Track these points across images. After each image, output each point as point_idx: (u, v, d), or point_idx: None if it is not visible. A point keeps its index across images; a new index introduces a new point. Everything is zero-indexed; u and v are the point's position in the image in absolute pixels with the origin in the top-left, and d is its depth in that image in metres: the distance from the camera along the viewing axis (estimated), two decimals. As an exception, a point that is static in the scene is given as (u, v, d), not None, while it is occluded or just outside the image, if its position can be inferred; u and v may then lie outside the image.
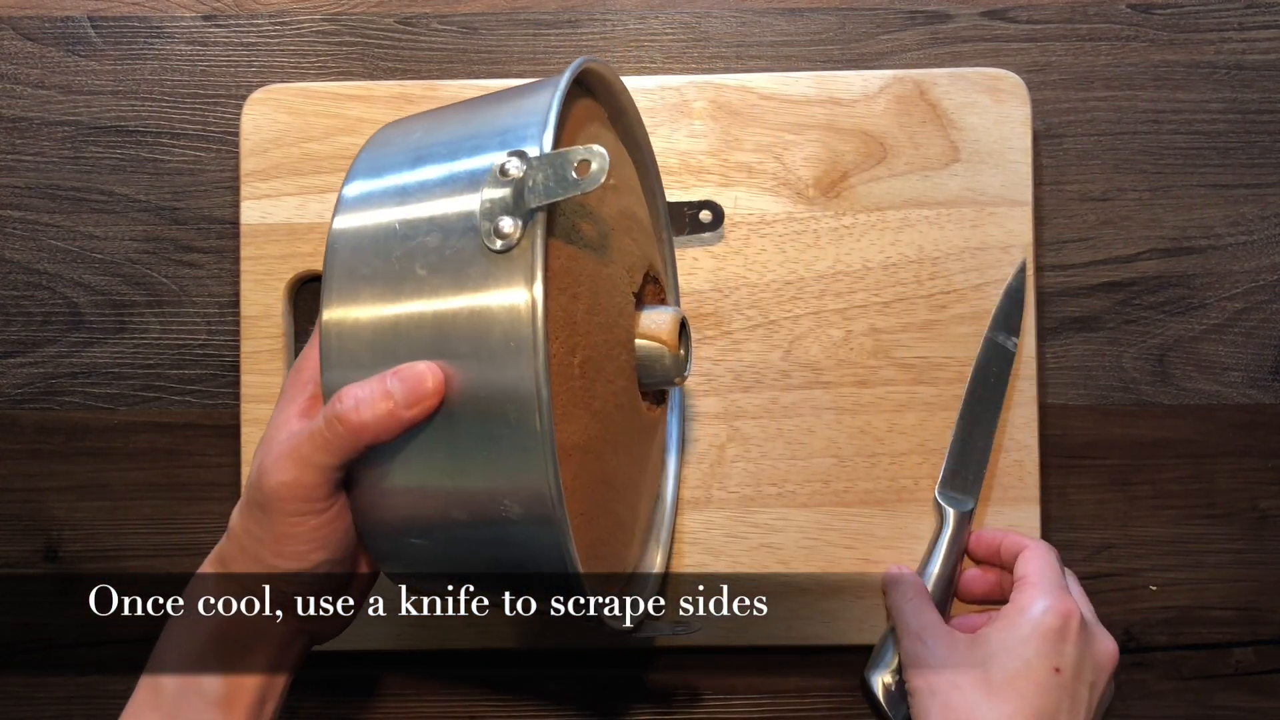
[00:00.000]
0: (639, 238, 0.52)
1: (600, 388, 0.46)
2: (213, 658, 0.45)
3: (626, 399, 0.49)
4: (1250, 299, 0.64)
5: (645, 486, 0.54)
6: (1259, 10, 0.65)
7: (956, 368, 0.62)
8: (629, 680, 0.63)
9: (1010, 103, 0.63)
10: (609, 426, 0.47)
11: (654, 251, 0.55)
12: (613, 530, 0.49)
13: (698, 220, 0.57)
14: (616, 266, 0.48)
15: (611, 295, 0.47)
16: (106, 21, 0.65)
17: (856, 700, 0.62)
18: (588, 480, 0.45)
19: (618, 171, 0.51)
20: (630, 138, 0.55)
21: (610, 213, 0.48)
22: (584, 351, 0.44)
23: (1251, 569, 0.63)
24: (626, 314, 0.49)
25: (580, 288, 0.44)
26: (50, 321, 0.64)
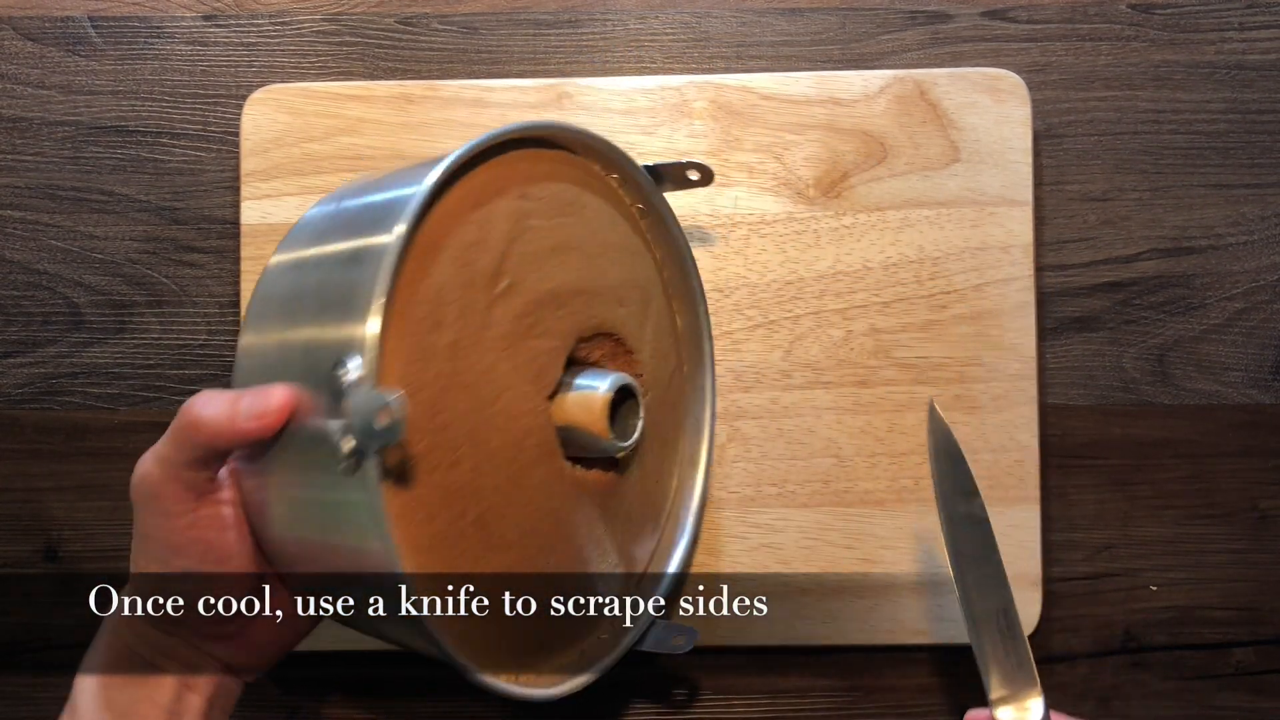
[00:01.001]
0: (578, 305, 0.49)
1: (490, 477, 0.45)
2: (119, 673, 0.45)
3: (540, 476, 0.48)
4: (1251, 299, 0.64)
5: (601, 538, 0.52)
6: (1259, 10, 0.65)
7: (956, 368, 0.62)
8: (629, 680, 0.63)
9: (1010, 103, 0.63)
10: (504, 506, 0.46)
11: (609, 309, 0.51)
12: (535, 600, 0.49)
13: (687, 179, 0.55)
14: (524, 350, 0.47)
15: (510, 389, 0.46)
16: (107, 21, 0.65)
17: (856, 700, 0.62)
18: (466, 545, 0.45)
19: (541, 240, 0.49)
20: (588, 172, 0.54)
21: (524, 300, 0.47)
22: (467, 457, 0.44)
23: (1251, 569, 0.63)
24: (532, 403, 0.47)
25: (455, 395, 0.44)
26: (50, 321, 0.64)
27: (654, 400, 0.54)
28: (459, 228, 0.45)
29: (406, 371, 0.42)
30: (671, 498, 0.58)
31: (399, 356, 0.42)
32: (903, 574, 0.61)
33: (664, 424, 0.56)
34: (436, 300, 0.44)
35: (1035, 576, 0.61)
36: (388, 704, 0.63)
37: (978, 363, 0.62)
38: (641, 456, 0.54)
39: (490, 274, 0.46)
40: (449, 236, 0.45)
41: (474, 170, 0.47)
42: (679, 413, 0.58)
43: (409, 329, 0.42)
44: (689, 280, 0.58)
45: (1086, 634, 0.63)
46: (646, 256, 0.56)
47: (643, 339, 0.53)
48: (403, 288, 0.42)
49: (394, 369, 0.42)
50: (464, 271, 0.45)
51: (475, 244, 0.46)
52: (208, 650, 0.45)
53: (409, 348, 0.42)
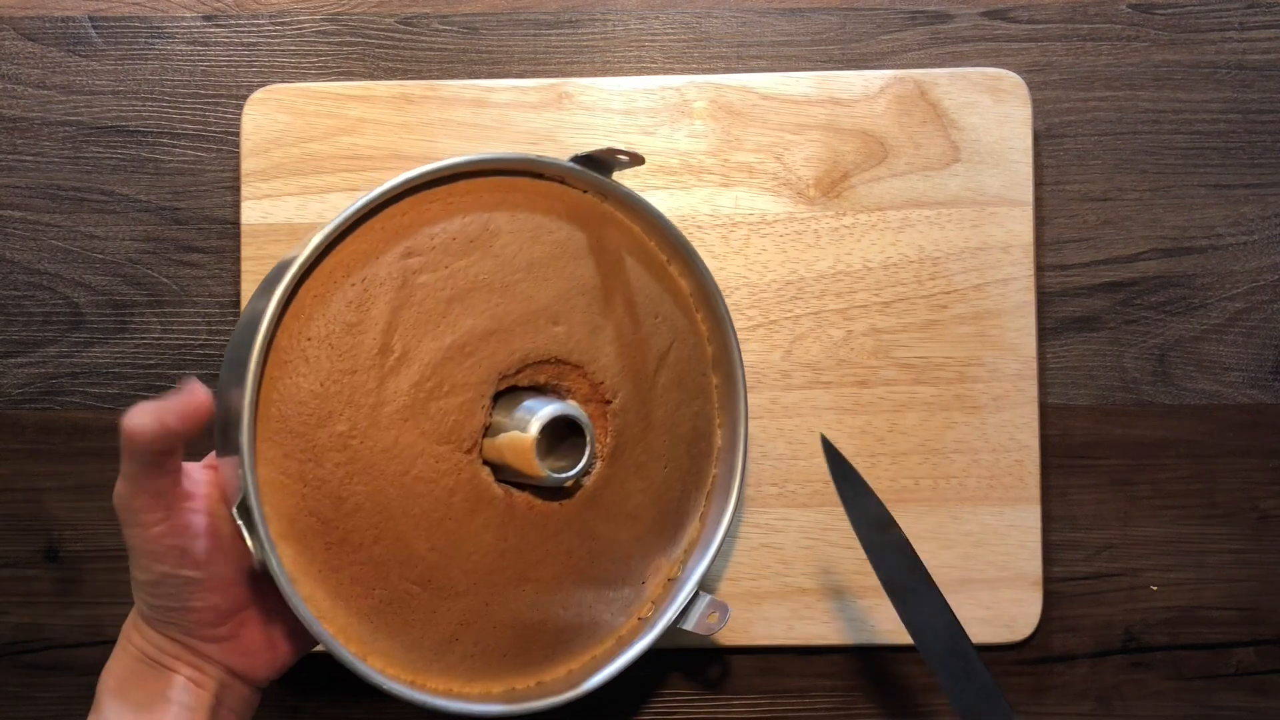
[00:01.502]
0: (490, 347, 0.49)
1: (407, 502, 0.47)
2: (135, 672, 0.48)
3: (480, 523, 0.48)
4: (1251, 299, 0.64)
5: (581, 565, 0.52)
6: (1259, 10, 0.65)
7: (956, 368, 0.62)
8: (629, 680, 0.63)
9: (1011, 103, 0.63)
10: (446, 562, 0.48)
11: (536, 334, 0.50)
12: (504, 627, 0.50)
13: (619, 163, 0.53)
14: (430, 415, 0.47)
15: (422, 455, 0.47)
16: (107, 21, 0.65)
17: (856, 700, 0.62)
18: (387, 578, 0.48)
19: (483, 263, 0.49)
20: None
21: (420, 365, 0.47)
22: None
23: (1251, 569, 0.63)
24: (449, 462, 0.48)
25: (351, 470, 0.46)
26: (51, 321, 0.64)
27: (633, 395, 0.52)
28: (329, 313, 0.46)
29: (299, 473, 0.45)
30: (710, 481, 0.57)
31: (281, 467, 0.46)
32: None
33: (662, 407, 0.54)
34: (319, 396, 0.46)
35: (1035, 576, 0.61)
36: (388, 704, 0.63)
37: (978, 363, 0.62)
38: (632, 452, 0.53)
39: (376, 352, 0.46)
40: (320, 326, 0.46)
41: (344, 242, 0.47)
42: (691, 384, 0.56)
43: (290, 435, 0.45)
44: (671, 240, 0.55)
45: (1086, 634, 0.63)
46: (590, 258, 0.53)
47: (597, 346, 0.51)
48: (274, 401, 0.45)
49: (278, 481, 0.46)
50: (345, 360, 0.46)
51: (353, 326, 0.46)
52: (208, 654, 0.48)
53: (298, 449, 0.45)
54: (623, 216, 0.55)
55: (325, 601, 0.47)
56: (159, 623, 0.47)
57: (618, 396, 0.52)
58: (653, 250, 0.56)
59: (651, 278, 0.55)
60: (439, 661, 0.49)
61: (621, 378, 0.52)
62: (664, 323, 0.54)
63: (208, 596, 0.47)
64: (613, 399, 0.52)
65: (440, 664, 0.49)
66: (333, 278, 0.47)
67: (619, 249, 0.54)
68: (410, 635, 0.48)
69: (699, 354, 0.56)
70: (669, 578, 0.56)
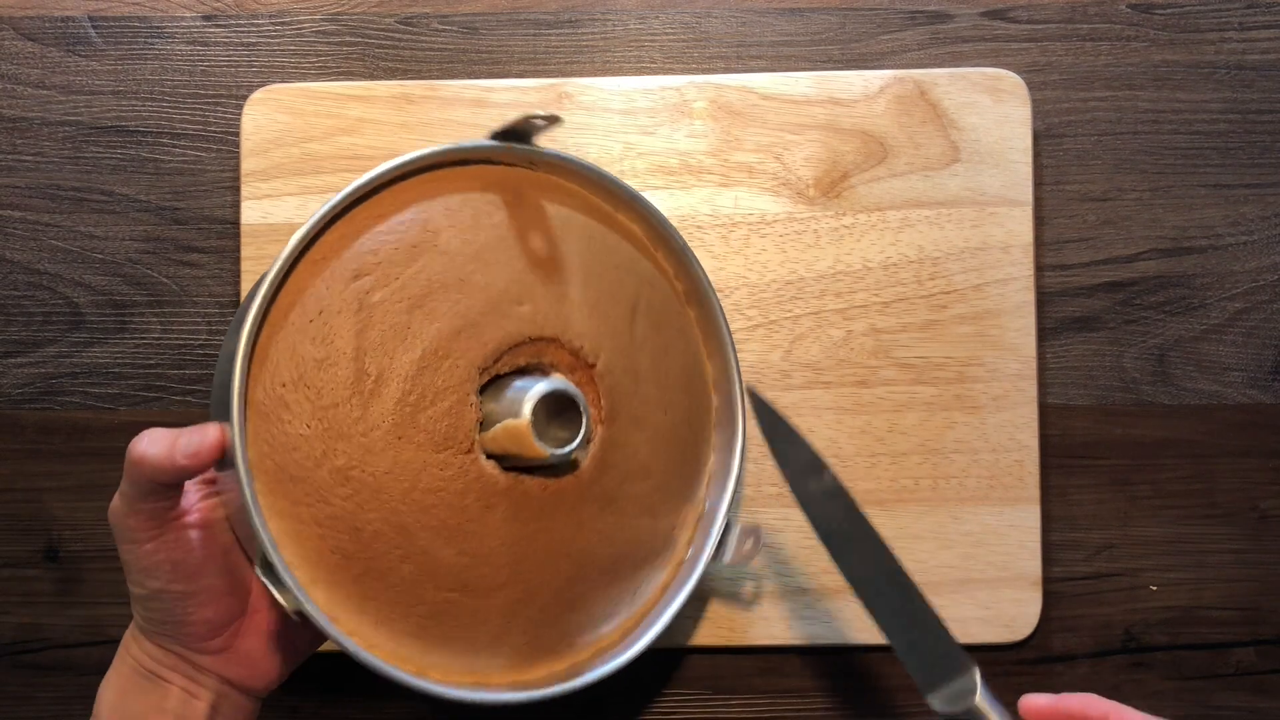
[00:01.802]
0: (462, 344, 0.48)
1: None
2: (133, 684, 0.48)
3: (499, 517, 0.48)
4: (1250, 299, 0.64)
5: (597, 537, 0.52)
6: (1259, 10, 0.65)
7: (956, 368, 0.62)
8: (629, 680, 0.63)
9: (1010, 103, 0.63)
10: (475, 564, 0.48)
11: (503, 320, 0.49)
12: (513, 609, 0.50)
13: (536, 127, 0.51)
14: (421, 427, 0.47)
15: (424, 468, 0.47)
16: (107, 21, 0.65)
17: (856, 700, 0.62)
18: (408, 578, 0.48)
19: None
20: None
21: (398, 381, 0.47)
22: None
23: (1251, 569, 0.63)
24: (453, 466, 0.48)
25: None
26: (51, 321, 0.64)
27: (615, 352, 0.52)
28: (296, 355, 0.46)
29: (311, 517, 0.46)
30: (714, 413, 0.57)
31: (291, 515, 0.45)
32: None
33: (646, 356, 0.53)
34: (308, 438, 0.46)
35: (1035, 576, 0.61)
36: (388, 704, 0.63)
37: (978, 363, 0.62)
38: (628, 408, 0.52)
39: (351, 381, 0.46)
40: (290, 369, 0.46)
41: (290, 278, 0.47)
42: (669, 324, 0.55)
43: (292, 482, 0.45)
44: (612, 189, 0.55)
45: (1086, 634, 0.63)
46: (536, 230, 0.52)
47: (566, 314, 0.50)
48: (267, 454, 0.45)
49: (292, 530, 0.45)
50: (324, 396, 0.46)
51: (323, 361, 0.46)
52: (202, 665, 0.48)
53: (303, 494, 0.45)
54: (559, 179, 0.54)
55: (369, 631, 0.47)
56: (155, 635, 0.48)
57: (600, 358, 0.51)
58: (597, 204, 0.55)
59: (603, 230, 0.54)
60: (497, 657, 0.49)
61: (599, 338, 0.51)
62: (626, 272, 0.54)
63: (201, 610, 0.47)
64: (595, 361, 0.51)
65: (499, 659, 0.49)
66: (290, 319, 0.47)
67: (562, 212, 0.53)
68: (461, 641, 0.48)
69: (669, 293, 0.56)
70: (697, 517, 0.56)
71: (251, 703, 0.50)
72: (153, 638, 0.48)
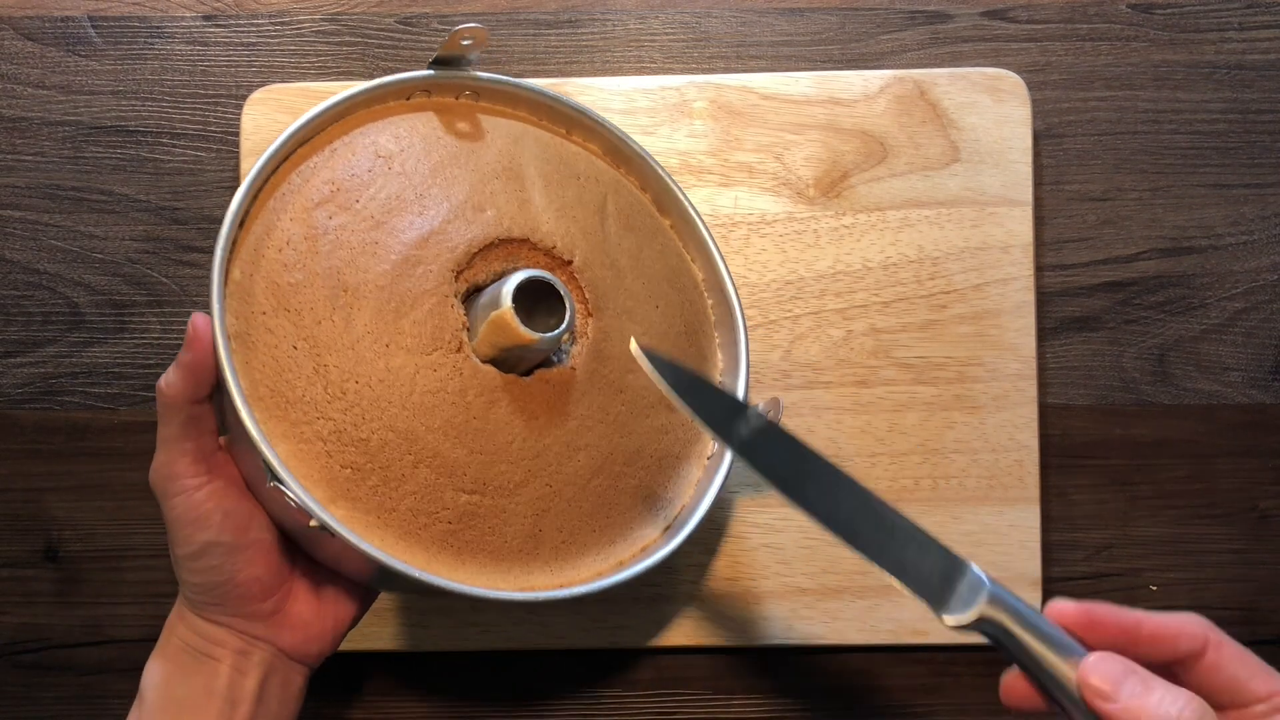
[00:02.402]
0: (432, 251, 0.48)
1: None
2: (179, 664, 0.47)
3: (502, 412, 0.48)
4: (1250, 299, 0.64)
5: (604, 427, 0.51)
6: (1259, 10, 0.65)
7: (956, 368, 0.62)
8: (629, 681, 0.63)
9: (1010, 103, 0.63)
10: (489, 463, 0.48)
11: (470, 225, 0.49)
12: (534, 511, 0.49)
13: (463, 46, 0.51)
14: (406, 332, 0.47)
15: (419, 371, 0.47)
16: (107, 21, 0.65)
17: (856, 700, 0.62)
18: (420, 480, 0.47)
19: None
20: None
21: (373, 292, 0.47)
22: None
23: (1251, 569, 0.63)
24: (448, 365, 0.47)
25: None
26: (50, 321, 0.64)
27: (591, 249, 0.52)
28: (271, 284, 0.47)
29: (314, 434, 0.45)
30: (710, 312, 0.57)
31: (295, 435, 0.45)
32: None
33: (624, 255, 0.53)
34: (296, 356, 0.46)
35: (1035, 576, 0.61)
36: (388, 704, 0.63)
37: (978, 363, 0.62)
38: (615, 300, 0.52)
39: (328, 298, 0.46)
40: (266, 299, 0.46)
41: (251, 216, 0.48)
42: (642, 226, 0.55)
43: (289, 405, 0.46)
44: (560, 112, 0.55)
45: (1086, 634, 0.63)
46: (489, 148, 0.52)
47: (533, 217, 0.51)
48: (259, 381, 0.45)
49: (298, 450, 0.45)
50: (305, 316, 0.46)
51: (298, 285, 0.46)
52: (254, 634, 0.47)
53: (302, 415, 0.45)
54: (504, 107, 0.55)
55: (399, 544, 0.46)
56: (205, 605, 0.47)
57: (576, 254, 0.51)
58: (547, 128, 0.55)
59: (557, 142, 0.54)
60: (535, 559, 0.49)
61: (571, 237, 0.51)
62: (588, 180, 0.54)
63: (250, 567, 0.46)
64: (572, 258, 0.51)
65: (537, 562, 0.49)
66: (261, 254, 0.47)
67: (516, 127, 0.53)
68: (494, 544, 0.48)
69: (636, 199, 0.56)
70: None
71: (301, 676, 0.49)
72: (202, 610, 0.47)
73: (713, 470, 0.54)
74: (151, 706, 0.46)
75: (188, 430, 0.45)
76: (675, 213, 0.57)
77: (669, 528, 0.53)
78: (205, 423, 0.46)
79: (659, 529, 0.52)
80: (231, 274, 0.47)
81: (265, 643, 0.47)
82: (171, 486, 0.46)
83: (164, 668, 0.47)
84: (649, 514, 0.52)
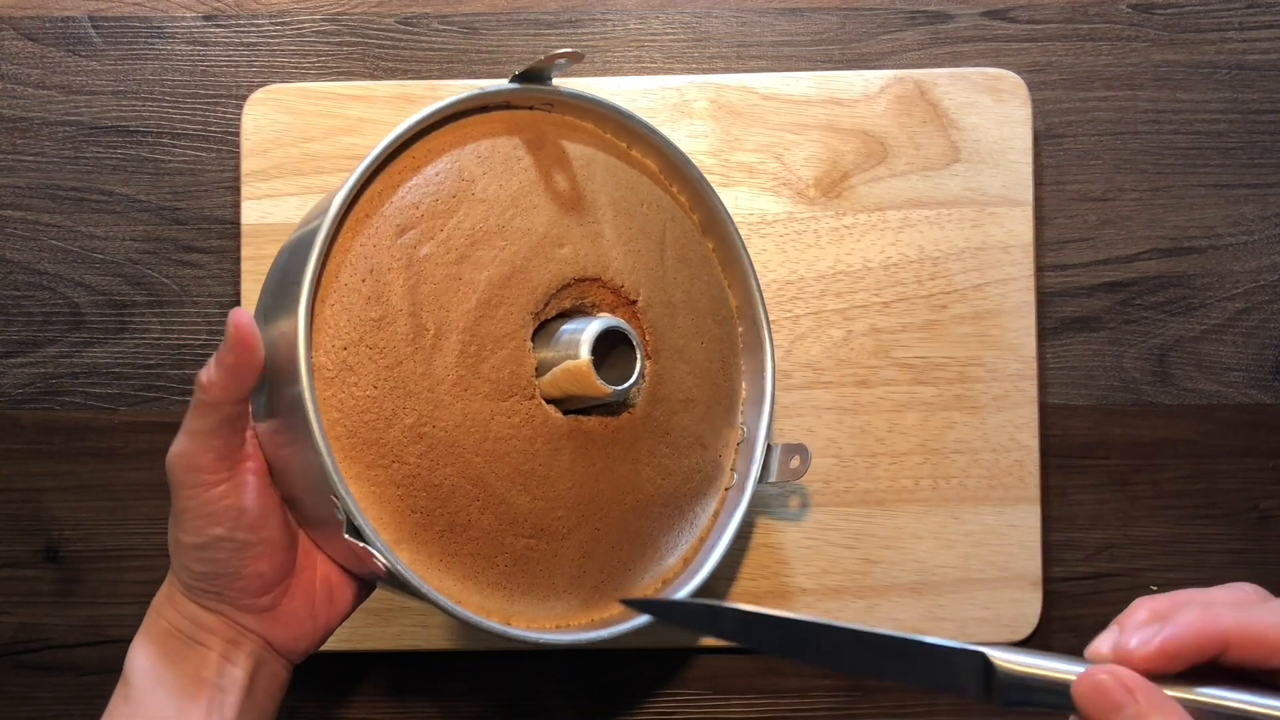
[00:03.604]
0: (513, 290, 0.48)
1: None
2: (167, 649, 0.47)
3: (567, 459, 0.49)
4: (1251, 299, 0.64)
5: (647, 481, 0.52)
6: (1259, 10, 0.65)
7: (956, 368, 0.62)
8: (629, 681, 0.63)
9: (1011, 103, 0.63)
10: (549, 509, 0.48)
11: (548, 264, 0.49)
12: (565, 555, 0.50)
13: (561, 65, 0.51)
14: (484, 377, 0.47)
15: (494, 417, 0.47)
16: (107, 21, 0.65)
17: (856, 700, 0.62)
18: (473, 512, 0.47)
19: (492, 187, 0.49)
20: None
21: (457, 333, 0.47)
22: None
23: (1251, 569, 0.63)
24: (520, 413, 0.48)
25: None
26: (51, 321, 0.64)
27: (652, 288, 0.52)
28: (353, 317, 0.46)
29: (387, 479, 0.45)
30: (739, 340, 0.58)
31: (368, 479, 0.45)
32: (903, 574, 0.61)
33: (678, 289, 0.54)
34: (375, 399, 0.45)
35: (1035, 576, 0.61)
36: (388, 704, 0.63)
37: (978, 363, 0.62)
38: (670, 340, 0.53)
39: (411, 337, 0.46)
40: (350, 332, 0.46)
41: (336, 242, 0.47)
42: (693, 257, 0.56)
43: (364, 446, 0.45)
44: (625, 124, 0.55)
45: (1087, 634, 0.62)
46: (562, 171, 0.52)
47: (604, 253, 0.51)
48: (336, 420, 0.45)
49: (370, 493, 0.45)
50: (386, 355, 0.46)
51: (380, 320, 0.46)
52: (246, 626, 0.47)
53: (377, 457, 0.45)
54: (574, 119, 0.54)
55: (456, 587, 0.47)
56: (200, 593, 0.46)
57: (640, 294, 0.52)
58: (612, 141, 0.55)
59: (623, 167, 0.54)
60: (575, 598, 0.50)
61: (636, 275, 0.52)
62: (650, 208, 0.54)
63: (256, 562, 0.46)
64: (637, 298, 0.52)
65: (578, 600, 0.50)
66: (341, 280, 0.46)
67: (585, 151, 0.53)
68: (543, 586, 0.49)
69: (688, 226, 0.56)
70: (737, 442, 0.57)
71: (286, 671, 0.49)
72: (196, 597, 0.46)
73: (733, 501, 0.55)
74: (139, 691, 0.46)
75: (221, 428, 0.45)
76: (717, 236, 0.57)
77: (689, 560, 0.54)
78: (239, 421, 0.45)
79: (680, 560, 0.54)
80: (314, 304, 0.46)
81: (256, 635, 0.47)
82: (190, 478, 0.45)
83: (151, 652, 0.46)
84: (674, 547, 0.54)
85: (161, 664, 0.46)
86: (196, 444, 0.45)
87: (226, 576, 0.46)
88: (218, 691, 0.46)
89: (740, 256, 0.57)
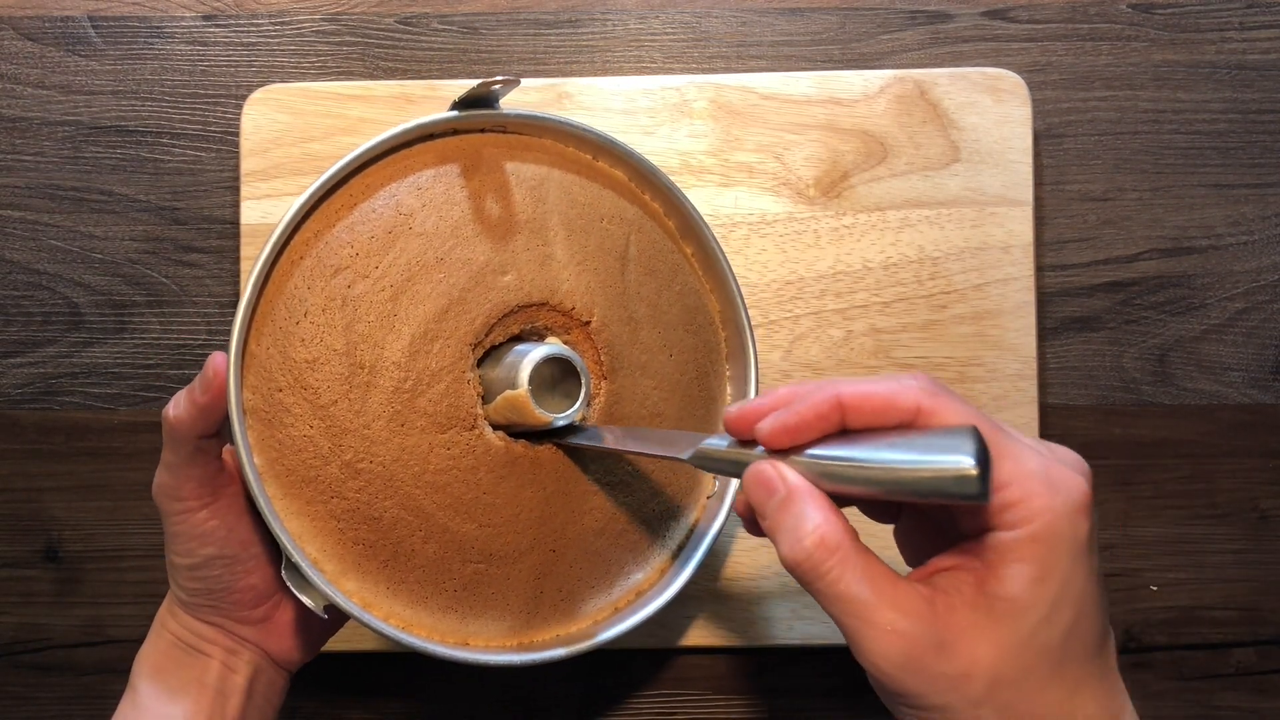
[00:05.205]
0: (451, 322, 0.48)
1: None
2: (171, 658, 0.49)
3: (513, 484, 0.48)
4: (1251, 299, 0.64)
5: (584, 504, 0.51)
6: (1259, 10, 0.65)
7: (956, 368, 0.62)
8: (629, 681, 0.63)
9: (1011, 103, 0.63)
10: (494, 536, 0.48)
11: (490, 292, 0.48)
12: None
13: (498, 91, 0.50)
14: (421, 411, 0.47)
15: (433, 450, 0.47)
16: (106, 21, 0.65)
17: (856, 700, 0.62)
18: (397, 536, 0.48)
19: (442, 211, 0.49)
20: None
21: (391, 370, 0.47)
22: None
23: (1251, 569, 0.63)
24: (460, 445, 0.48)
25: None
26: (50, 321, 0.64)
27: (609, 306, 0.51)
28: (288, 359, 0.46)
29: (328, 513, 0.46)
30: (723, 346, 0.56)
31: (308, 514, 0.46)
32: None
33: (642, 304, 0.52)
34: (312, 438, 0.46)
35: (1035, 576, 0.61)
36: (388, 704, 0.63)
37: (978, 363, 0.62)
38: (630, 357, 0.51)
39: (345, 376, 0.46)
40: (284, 375, 0.46)
41: (270, 282, 0.47)
42: (664, 266, 0.54)
43: (304, 484, 0.46)
44: (588, 138, 0.53)
45: (1086, 634, 0.63)
46: (512, 195, 0.51)
47: (553, 276, 0.50)
48: (275, 460, 0.46)
49: (312, 528, 0.46)
50: (321, 395, 0.46)
51: (314, 362, 0.46)
52: (243, 636, 0.49)
53: (316, 493, 0.46)
54: (531, 139, 0.53)
55: (405, 610, 0.47)
56: (196, 607, 0.48)
57: (594, 314, 0.50)
58: (574, 155, 0.54)
59: (581, 183, 0.53)
60: (535, 616, 0.50)
61: (591, 294, 0.51)
62: (611, 221, 0.53)
63: (248, 576, 0.48)
64: (590, 319, 0.50)
65: (537, 619, 0.50)
66: (275, 322, 0.46)
67: (538, 171, 0.52)
68: (497, 607, 0.49)
69: (660, 235, 0.55)
70: None
71: (284, 679, 0.51)
72: (194, 611, 0.48)
73: (713, 510, 0.54)
74: (145, 697, 0.48)
75: (195, 459, 0.46)
76: (695, 243, 0.56)
77: (664, 570, 0.53)
78: (212, 450, 0.47)
79: (655, 571, 0.53)
80: (249, 345, 0.46)
81: (253, 645, 0.49)
82: (176, 506, 0.47)
83: (156, 660, 0.48)
84: (645, 561, 0.53)
85: (166, 670, 0.48)
86: (175, 475, 0.46)
87: (220, 591, 0.48)
88: (220, 696, 0.48)
89: (719, 262, 0.55)
